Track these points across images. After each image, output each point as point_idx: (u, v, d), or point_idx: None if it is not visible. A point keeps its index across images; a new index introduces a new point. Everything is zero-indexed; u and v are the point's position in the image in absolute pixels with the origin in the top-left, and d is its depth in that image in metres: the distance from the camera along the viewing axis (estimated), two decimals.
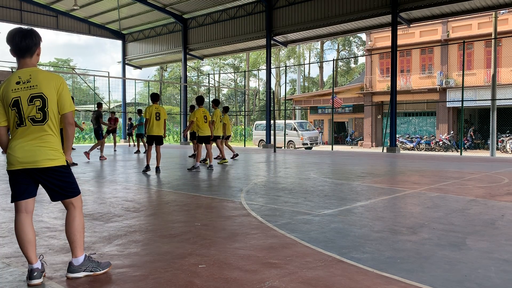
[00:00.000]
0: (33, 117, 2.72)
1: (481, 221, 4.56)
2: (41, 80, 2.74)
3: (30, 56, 2.78)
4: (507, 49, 24.01)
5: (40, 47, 2.83)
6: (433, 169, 10.35)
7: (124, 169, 10.39)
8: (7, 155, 2.77)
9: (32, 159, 2.71)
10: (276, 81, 51.35)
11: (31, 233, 2.78)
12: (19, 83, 2.73)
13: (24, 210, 2.79)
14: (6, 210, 5.11)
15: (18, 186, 2.76)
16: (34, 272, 2.71)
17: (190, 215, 4.89)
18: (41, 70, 2.84)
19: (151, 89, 43.40)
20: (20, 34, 2.73)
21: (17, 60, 2.79)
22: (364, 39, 44.53)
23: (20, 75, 2.74)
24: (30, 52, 2.77)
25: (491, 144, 18.30)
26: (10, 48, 2.77)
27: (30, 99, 2.71)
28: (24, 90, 2.71)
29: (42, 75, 2.76)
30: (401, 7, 17.21)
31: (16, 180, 2.76)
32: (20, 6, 24.44)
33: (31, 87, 2.72)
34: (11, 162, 2.73)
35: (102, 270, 2.88)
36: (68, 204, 2.86)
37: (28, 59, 2.78)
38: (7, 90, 2.72)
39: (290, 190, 6.85)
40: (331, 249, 3.48)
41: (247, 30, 22.80)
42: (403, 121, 29.78)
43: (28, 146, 2.72)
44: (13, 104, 2.71)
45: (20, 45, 2.73)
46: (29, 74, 2.75)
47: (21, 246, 2.76)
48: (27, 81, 2.73)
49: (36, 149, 2.72)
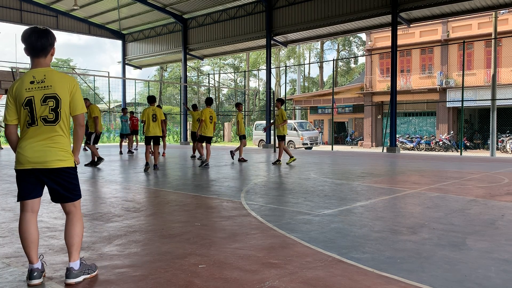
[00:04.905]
0: (45, 117, 2.72)
1: (481, 221, 4.56)
2: (55, 81, 2.75)
3: (44, 55, 2.79)
4: (507, 49, 24.00)
5: (55, 47, 2.85)
6: (433, 169, 10.35)
7: (124, 169, 10.39)
8: (16, 154, 2.76)
9: (43, 159, 2.71)
10: (276, 81, 51.35)
11: (36, 233, 2.78)
12: (33, 83, 2.73)
13: (30, 210, 2.79)
14: (6, 210, 5.11)
15: (26, 186, 2.76)
16: (34, 272, 2.71)
17: (190, 215, 4.88)
18: (56, 70, 2.86)
19: (151, 89, 43.44)
20: (36, 34, 2.74)
21: (31, 59, 2.80)
22: (364, 39, 44.55)
23: (34, 75, 2.75)
24: (45, 52, 2.78)
25: (491, 144, 18.30)
26: (24, 47, 2.77)
27: (43, 99, 2.71)
28: (38, 90, 2.72)
29: (56, 76, 2.78)
30: (401, 7, 17.21)
31: (24, 179, 2.76)
32: (20, 6, 24.44)
33: (45, 87, 2.73)
34: (20, 161, 2.73)
35: (95, 271, 2.89)
36: (69, 207, 2.84)
37: (42, 59, 2.79)
38: (20, 89, 2.72)
39: (290, 190, 6.85)
40: (331, 249, 3.48)
41: (247, 30, 22.80)
42: (403, 121, 29.78)
43: (39, 146, 2.72)
44: (26, 103, 2.71)
45: (35, 44, 2.74)
46: (44, 74, 2.75)
47: (24, 246, 2.76)
48: (41, 81, 2.73)
49: (46, 149, 2.72)
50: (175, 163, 12.20)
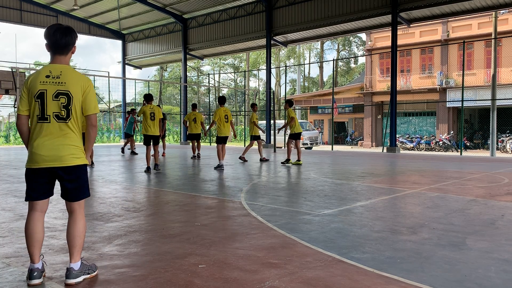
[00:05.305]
0: (57, 114, 2.76)
1: (481, 221, 4.56)
2: (70, 79, 2.79)
3: (65, 53, 2.85)
4: (507, 49, 24.00)
5: (75, 45, 2.91)
6: (433, 169, 10.35)
7: (124, 169, 10.39)
8: (30, 153, 2.77)
9: (58, 157, 2.73)
10: (276, 81, 51.34)
11: (42, 232, 2.80)
12: (49, 77, 2.77)
13: (39, 209, 2.81)
14: (6, 210, 5.11)
15: (37, 186, 2.77)
16: (34, 272, 2.72)
17: (190, 215, 4.88)
18: (73, 69, 2.90)
19: (151, 89, 43.43)
20: (60, 31, 2.80)
21: (51, 55, 2.85)
22: (364, 39, 44.55)
23: (51, 69, 2.80)
24: (66, 50, 2.85)
25: (491, 144, 18.29)
26: (47, 43, 2.82)
27: (56, 95, 2.75)
28: (52, 84, 2.76)
29: (72, 74, 2.82)
30: (401, 7, 17.21)
31: (36, 180, 2.77)
32: (20, 6, 24.43)
33: (59, 83, 2.76)
34: (36, 160, 2.74)
35: (95, 271, 2.89)
36: (74, 206, 2.85)
37: (63, 56, 2.85)
38: (35, 81, 2.76)
39: (290, 190, 6.85)
40: (331, 249, 3.48)
41: (247, 30, 22.79)
42: (403, 121, 29.78)
43: (53, 144, 2.74)
44: (38, 95, 2.74)
45: (59, 41, 2.80)
46: (60, 71, 2.80)
47: (29, 244, 2.77)
48: (57, 77, 2.77)
49: (61, 147, 2.75)
50: (175, 163, 12.20)
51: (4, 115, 39.06)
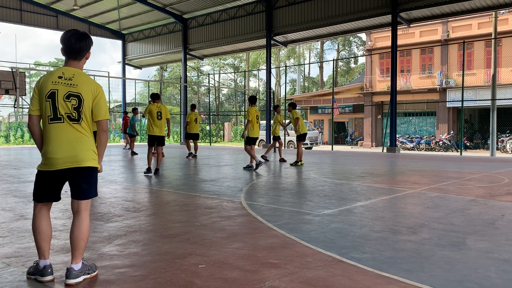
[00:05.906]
0: (69, 115, 2.78)
1: (481, 221, 4.56)
2: (82, 82, 2.83)
3: (80, 58, 2.90)
4: (507, 49, 24.01)
5: (90, 51, 2.95)
6: (433, 169, 10.35)
7: (124, 169, 10.39)
8: (44, 157, 2.78)
9: (73, 158, 2.77)
10: (276, 81, 51.33)
11: (50, 227, 2.87)
12: (61, 78, 2.81)
13: (46, 206, 2.88)
14: (6, 210, 5.11)
15: (47, 190, 2.81)
16: (49, 269, 2.76)
17: (190, 215, 4.88)
18: (86, 74, 2.93)
19: (151, 89, 43.41)
20: (76, 36, 2.84)
21: (66, 59, 2.89)
22: (364, 39, 44.54)
23: (64, 71, 2.84)
24: (81, 55, 2.89)
25: (491, 144, 18.30)
26: (62, 47, 2.86)
27: (67, 96, 2.78)
28: (63, 85, 2.79)
29: (84, 78, 2.86)
30: (401, 7, 17.21)
31: (47, 183, 2.80)
32: (20, 6, 24.43)
33: (71, 84, 2.80)
34: (51, 163, 2.76)
35: (95, 271, 2.90)
36: (81, 205, 2.86)
37: (77, 61, 2.89)
38: (47, 81, 2.80)
39: (290, 190, 6.85)
40: (331, 249, 3.48)
41: (247, 30, 22.79)
42: (403, 121, 29.78)
43: (68, 145, 2.77)
44: (49, 95, 2.76)
45: (74, 46, 2.84)
46: (73, 73, 2.84)
47: (39, 240, 2.80)
48: (69, 79, 2.81)
49: (77, 148, 2.79)
50: (175, 163, 12.20)
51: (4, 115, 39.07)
